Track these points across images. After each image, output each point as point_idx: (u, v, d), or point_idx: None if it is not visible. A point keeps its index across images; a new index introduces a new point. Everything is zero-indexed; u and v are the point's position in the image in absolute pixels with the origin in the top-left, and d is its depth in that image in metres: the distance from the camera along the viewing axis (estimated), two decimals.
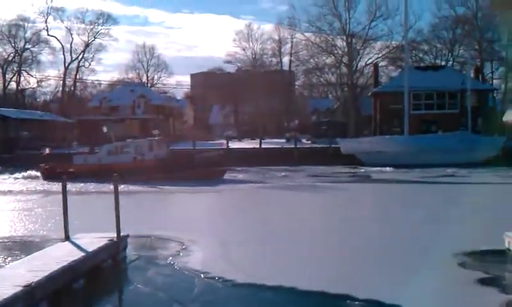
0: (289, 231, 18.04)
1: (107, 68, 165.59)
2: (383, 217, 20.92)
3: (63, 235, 14.36)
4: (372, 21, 71.73)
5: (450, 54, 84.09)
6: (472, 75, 62.79)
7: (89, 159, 40.17)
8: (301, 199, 27.63)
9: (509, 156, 44.95)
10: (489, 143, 46.52)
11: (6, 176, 41.77)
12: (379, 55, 74.75)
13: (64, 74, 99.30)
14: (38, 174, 40.72)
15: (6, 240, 17.08)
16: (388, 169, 41.73)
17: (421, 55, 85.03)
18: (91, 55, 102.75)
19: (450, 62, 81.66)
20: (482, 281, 11.66)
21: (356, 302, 10.48)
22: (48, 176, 38.39)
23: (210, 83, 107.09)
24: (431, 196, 28.23)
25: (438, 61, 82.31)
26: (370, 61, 73.98)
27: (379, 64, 73.66)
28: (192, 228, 18.85)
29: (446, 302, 10.65)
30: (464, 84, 54.28)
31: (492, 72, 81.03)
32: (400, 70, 72.49)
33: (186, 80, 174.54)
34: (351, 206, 24.84)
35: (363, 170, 42.79)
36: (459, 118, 56.15)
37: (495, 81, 79.77)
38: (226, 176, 37.53)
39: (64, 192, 14.41)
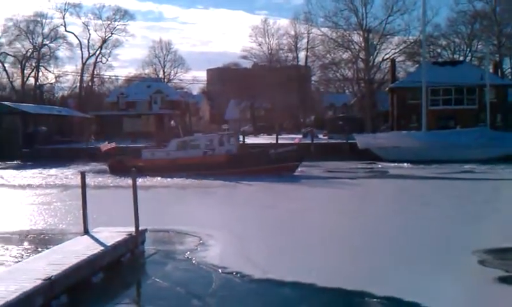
0: (308, 228, 18.01)
1: (123, 64, 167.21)
2: (401, 214, 20.77)
3: (82, 229, 14.49)
4: (389, 16, 71.09)
5: (468, 49, 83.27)
6: (491, 70, 62.10)
7: (158, 154, 39.12)
8: (318, 195, 27.53)
9: None
10: (508, 139, 45.97)
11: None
12: (397, 50, 74.12)
13: (82, 70, 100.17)
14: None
15: (26, 234, 17.26)
16: (405, 164, 41.43)
17: (439, 50, 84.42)
18: (108, 51, 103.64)
19: (469, 58, 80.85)
20: (503, 280, 11.52)
21: (375, 299, 10.44)
22: (117, 170, 37.52)
23: (226, 78, 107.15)
24: (449, 192, 27.92)
25: (456, 56, 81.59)
26: (387, 56, 73.41)
27: (396, 60, 73.08)
28: (212, 223, 18.89)
29: (465, 300, 10.55)
30: (483, 79, 53.66)
31: (511, 67, 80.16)
32: (417, 65, 71.85)
33: (201, 75, 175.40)
34: (368, 202, 24.73)
35: (380, 166, 42.53)
36: (478, 113, 55.58)
37: None
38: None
39: (84, 185, 14.50)
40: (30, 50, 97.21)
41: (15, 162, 52.55)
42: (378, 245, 15.21)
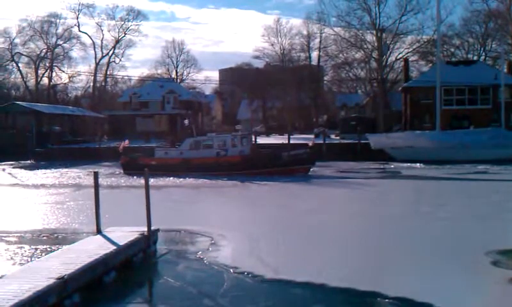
0: (319, 228, 17.97)
1: (135, 64, 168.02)
2: (413, 215, 20.64)
3: (94, 229, 14.59)
4: (402, 15, 70.85)
5: (482, 49, 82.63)
6: (505, 69, 61.56)
7: (171, 153, 39.05)
8: (330, 195, 27.46)
9: None
10: None
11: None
12: (410, 49, 73.84)
13: (95, 70, 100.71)
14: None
15: (39, 233, 17.40)
16: (418, 165, 41.19)
17: (452, 49, 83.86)
18: (121, 51, 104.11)
19: (483, 57, 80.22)
20: None
21: (386, 300, 10.40)
22: (130, 169, 37.52)
23: (239, 78, 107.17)
24: (462, 193, 27.72)
25: (469, 56, 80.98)
26: (400, 55, 73.18)
27: (410, 59, 72.75)
28: (224, 223, 18.92)
29: (478, 301, 10.47)
30: (497, 79, 53.23)
31: None
32: (430, 64, 71.42)
33: (213, 75, 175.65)
34: (380, 203, 24.59)
35: (392, 166, 42.31)
36: (492, 113, 55.20)
37: None
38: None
39: (96, 185, 14.59)
40: (44, 51, 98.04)
41: (29, 161, 53.07)
42: (389, 246, 15.14)
